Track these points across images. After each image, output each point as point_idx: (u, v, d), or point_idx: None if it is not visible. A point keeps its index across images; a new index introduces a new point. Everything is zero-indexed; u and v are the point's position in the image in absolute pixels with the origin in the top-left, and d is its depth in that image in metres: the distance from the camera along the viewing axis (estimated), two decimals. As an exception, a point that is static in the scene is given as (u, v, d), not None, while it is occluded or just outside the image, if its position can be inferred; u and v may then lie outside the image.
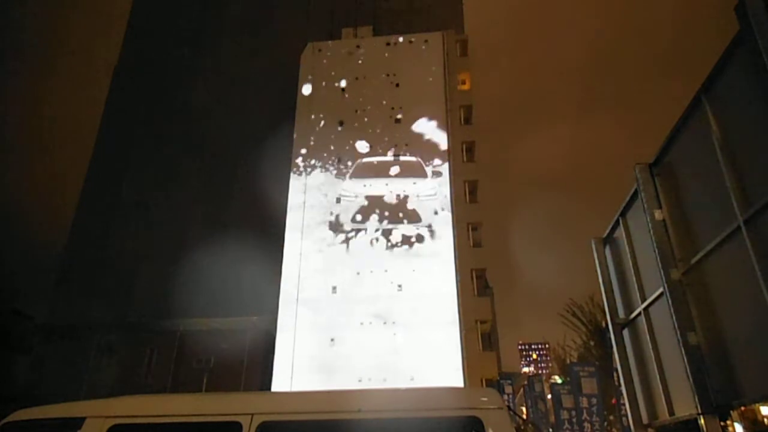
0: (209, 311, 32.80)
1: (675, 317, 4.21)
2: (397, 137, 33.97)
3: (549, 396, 20.69)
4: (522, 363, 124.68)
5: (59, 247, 40.86)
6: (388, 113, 34.61)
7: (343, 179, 33.40)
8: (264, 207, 34.82)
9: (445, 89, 34.76)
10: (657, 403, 5.03)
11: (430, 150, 33.39)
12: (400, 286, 30.19)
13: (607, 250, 6.32)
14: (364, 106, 34.99)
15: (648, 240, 4.71)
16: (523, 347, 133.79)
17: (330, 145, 34.42)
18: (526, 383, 25.38)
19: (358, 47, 37.28)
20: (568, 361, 30.54)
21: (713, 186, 3.79)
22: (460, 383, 26.08)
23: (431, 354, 27.63)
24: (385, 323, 29.18)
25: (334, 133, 34.68)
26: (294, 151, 34.65)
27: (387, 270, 30.58)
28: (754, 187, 3.39)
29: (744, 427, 17.51)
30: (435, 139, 33.59)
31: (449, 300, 29.28)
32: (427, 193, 32.16)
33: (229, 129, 41.26)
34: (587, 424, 14.42)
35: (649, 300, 4.98)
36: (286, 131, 35.51)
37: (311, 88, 36.26)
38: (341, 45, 37.67)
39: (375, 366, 27.30)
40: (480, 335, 28.97)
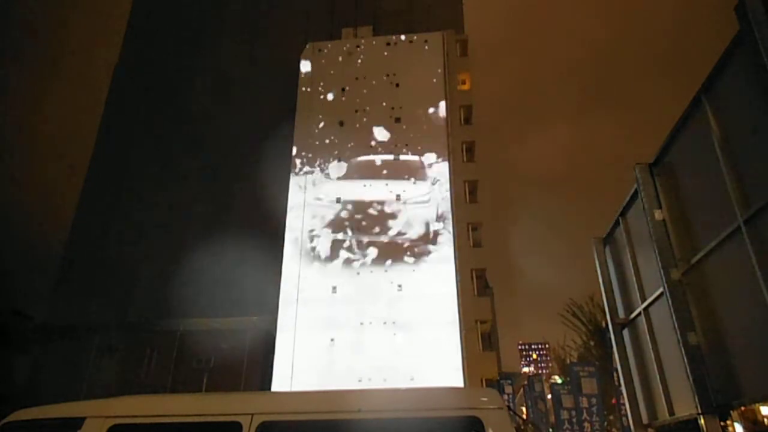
0: (209, 311, 32.80)
1: (675, 317, 4.21)
2: (397, 137, 33.97)
3: (549, 396, 20.68)
4: (522, 363, 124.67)
5: (59, 247, 40.86)
6: (388, 113, 34.61)
7: (343, 179, 33.40)
8: (264, 207, 34.82)
9: (445, 89, 34.76)
10: (657, 403, 5.03)
11: (429, 150, 33.39)
12: (400, 286, 30.20)
13: (607, 250, 6.31)
14: (364, 106, 34.98)
15: (648, 240, 4.71)
16: (523, 347, 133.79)
17: (330, 145, 34.42)
18: (526, 383, 25.36)
19: (358, 47, 37.28)
20: (568, 361, 30.51)
21: (713, 186, 3.79)
22: (460, 383, 26.08)
23: (431, 354, 27.62)
24: (385, 323, 29.17)
25: (334, 134, 34.69)
26: (294, 151, 34.66)
27: (387, 270, 30.60)
28: (754, 187, 3.39)
29: (744, 427, 17.48)
30: (435, 139, 33.59)
31: (449, 300, 29.28)
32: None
33: (229, 129, 41.24)
34: (587, 424, 14.41)
35: (649, 300, 4.98)
36: (286, 131, 35.50)
37: (311, 88, 36.26)
38: (341, 45, 37.67)
39: (375, 366, 27.29)
40: (480, 335, 28.97)
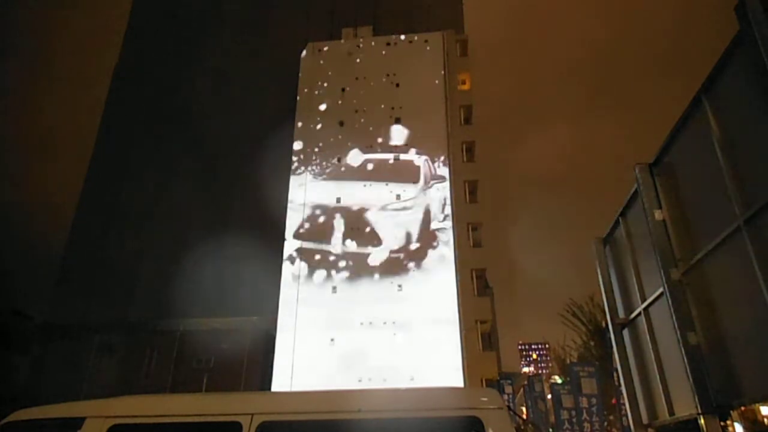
0: (209, 311, 32.80)
1: (675, 317, 4.21)
2: (397, 137, 33.96)
3: (549, 396, 20.65)
4: (522, 363, 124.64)
5: (59, 247, 40.88)
6: (388, 113, 34.60)
7: (343, 179, 33.39)
8: (264, 207, 34.81)
9: (445, 89, 34.75)
10: (657, 403, 5.03)
11: (429, 150, 33.37)
12: (400, 286, 30.20)
13: (607, 250, 6.31)
14: (363, 106, 34.98)
15: (648, 240, 4.70)
16: (523, 347, 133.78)
17: (330, 146, 34.41)
18: (526, 383, 25.33)
19: (358, 47, 37.28)
20: (568, 361, 30.48)
21: (713, 186, 3.79)
22: (460, 383, 26.07)
23: (431, 354, 27.61)
24: (385, 323, 29.17)
25: (334, 134, 34.68)
26: (294, 151, 34.65)
27: (387, 270, 30.59)
28: (754, 187, 3.39)
29: (744, 427, 17.50)
30: (435, 140, 33.58)
31: (449, 300, 29.27)
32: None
33: (229, 129, 41.24)
34: (587, 424, 14.40)
35: (649, 300, 4.97)
36: (286, 131, 35.50)
37: (311, 87, 36.25)
38: (341, 45, 37.67)
39: (375, 366, 27.28)
40: (480, 335, 28.97)
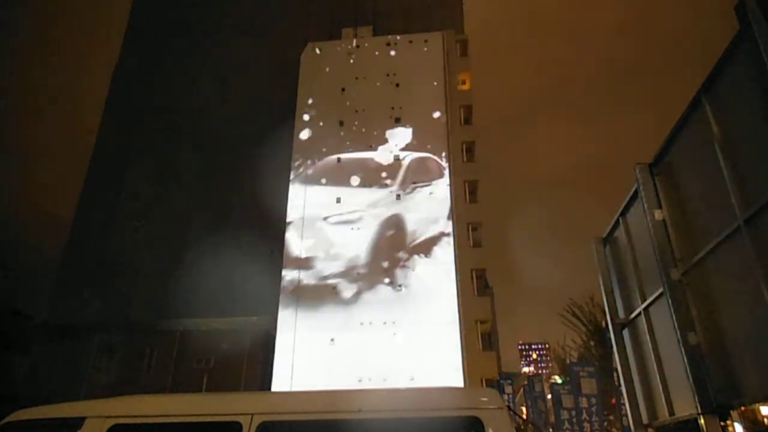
0: (209, 311, 32.81)
1: (675, 317, 4.20)
2: (397, 137, 33.96)
3: (549, 396, 20.65)
4: (522, 363, 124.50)
5: (59, 247, 40.89)
6: (387, 113, 34.60)
7: (343, 179, 33.37)
8: (264, 207, 34.82)
9: (445, 89, 34.76)
10: (657, 403, 5.03)
11: (430, 150, 33.37)
12: (400, 286, 30.20)
13: (607, 250, 6.30)
14: (363, 106, 34.98)
15: (648, 240, 4.70)
16: (523, 347, 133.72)
17: (330, 145, 34.40)
18: (526, 383, 25.32)
19: (358, 47, 37.29)
20: (568, 361, 30.44)
21: (713, 186, 3.79)
22: (460, 383, 26.08)
23: (431, 354, 27.62)
24: (385, 323, 29.18)
25: (334, 133, 34.68)
26: (294, 151, 34.64)
27: (387, 270, 30.59)
28: (754, 187, 3.38)
29: (744, 427, 17.50)
30: (435, 140, 33.59)
31: (449, 300, 29.28)
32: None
33: (229, 129, 41.25)
34: (587, 424, 14.39)
35: (649, 300, 4.97)
36: (286, 131, 35.51)
37: (311, 88, 36.25)
38: (341, 45, 37.67)
39: (375, 366, 27.28)
40: (480, 335, 28.98)
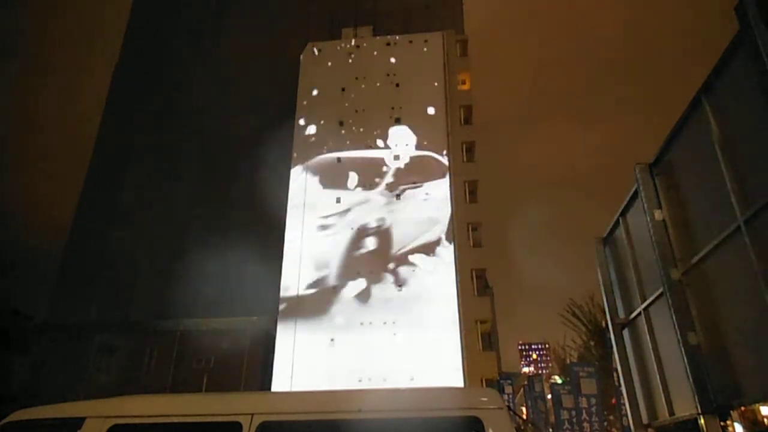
0: (209, 311, 32.80)
1: (675, 317, 4.20)
2: (397, 137, 33.95)
3: (549, 396, 20.67)
4: (522, 363, 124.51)
5: (59, 247, 40.89)
6: (387, 113, 34.60)
7: (343, 179, 33.38)
8: (264, 206, 34.82)
9: (445, 89, 34.76)
10: (657, 403, 5.03)
11: (429, 150, 33.36)
12: (400, 286, 30.20)
13: (607, 250, 6.31)
14: (363, 106, 34.97)
15: (648, 240, 4.70)
16: (523, 347, 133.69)
17: (330, 145, 34.40)
18: (526, 383, 25.34)
19: (358, 47, 37.28)
20: (568, 361, 30.45)
21: (713, 186, 3.79)
22: (460, 383, 26.08)
23: (431, 354, 27.62)
24: (385, 323, 29.18)
25: (334, 133, 34.67)
26: (294, 151, 34.64)
27: (387, 270, 30.59)
28: (754, 187, 3.38)
29: (744, 427, 17.51)
30: (435, 140, 33.59)
31: (449, 300, 29.28)
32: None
33: (229, 129, 41.25)
34: (587, 424, 14.40)
35: (649, 300, 4.97)
36: (286, 131, 35.51)
37: (311, 88, 36.25)
38: (341, 45, 37.67)
39: (375, 366, 27.29)
40: (480, 335, 28.97)
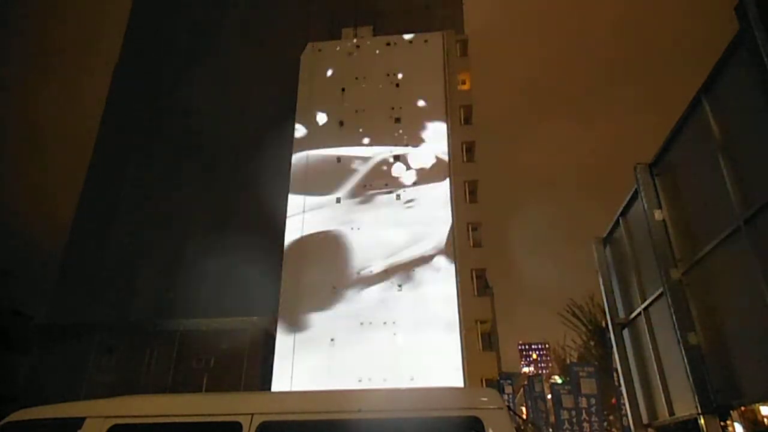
0: (209, 311, 32.80)
1: (675, 317, 4.20)
2: (397, 137, 33.96)
3: (549, 396, 20.67)
4: (522, 363, 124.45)
5: (59, 247, 40.88)
6: (388, 113, 34.59)
7: (343, 179, 33.37)
8: (264, 206, 34.81)
9: (445, 89, 34.75)
10: (657, 403, 5.03)
11: (429, 150, 33.36)
12: (400, 286, 30.19)
13: (607, 250, 6.31)
14: (364, 106, 34.96)
15: (648, 240, 4.70)
16: (523, 347, 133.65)
17: (330, 145, 34.39)
18: (526, 383, 25.35)
19: (358, 47, 37.28)
20: (568, 361, 30.47)
21: (713, 186, 3.79)
22: (460, 383, 26.07)
23: (431, 354, 27.60)
24: (385, 323, 29.17)
25: (334, 133, 34.66)
26: (294, 152, 34.63)
27: (387, 270, 30.58)
28: (754, 187, 3.39)
29: (744, 427, 17.49)
30: (435, 140, 33.59)
31: (449, 300, 29.27)
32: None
33: (229, 129, 41.24)
34: (587, 424, 14.40)
35: (649, 300, 4.97)
36: (286, 131, 35.50)
37: (311, 88, 36.24)
38: (341, 45, 37.66)
39: (375, 366, 27.27)
40: (480, 335, 28.96)
